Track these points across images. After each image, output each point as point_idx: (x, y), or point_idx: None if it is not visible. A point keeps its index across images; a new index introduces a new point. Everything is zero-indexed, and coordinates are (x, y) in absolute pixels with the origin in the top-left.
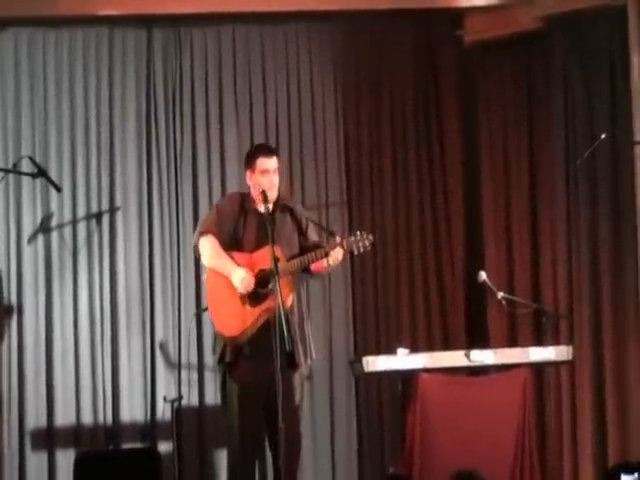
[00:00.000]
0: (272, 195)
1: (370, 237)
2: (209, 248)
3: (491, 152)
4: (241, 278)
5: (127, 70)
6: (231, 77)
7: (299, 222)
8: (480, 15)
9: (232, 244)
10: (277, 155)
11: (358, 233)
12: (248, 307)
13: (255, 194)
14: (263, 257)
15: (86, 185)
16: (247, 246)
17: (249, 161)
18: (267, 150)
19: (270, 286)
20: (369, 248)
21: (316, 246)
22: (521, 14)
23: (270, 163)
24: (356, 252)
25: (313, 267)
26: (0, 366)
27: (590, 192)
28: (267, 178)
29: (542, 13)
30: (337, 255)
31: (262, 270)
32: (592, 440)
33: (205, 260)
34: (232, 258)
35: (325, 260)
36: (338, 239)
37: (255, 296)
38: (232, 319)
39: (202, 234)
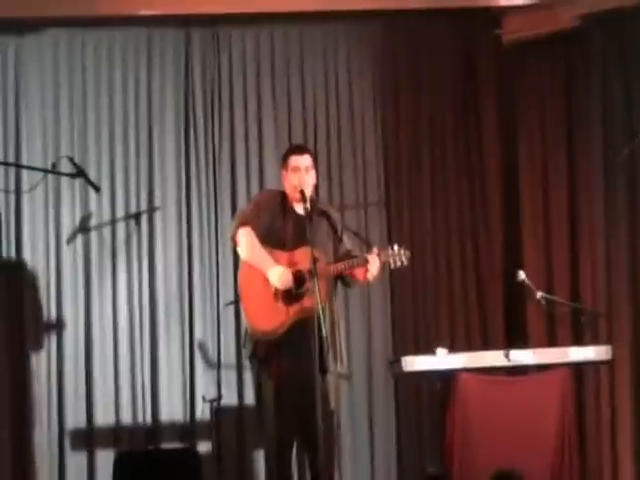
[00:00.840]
0: (303, 187)
1: (407, 253)
2: (247, 241)
3: (530, 151)
4: (279, 274)
5: (165, 70)
6: (269, 77)
7: (334, 228)
8: (519, 14)
9: (268, 239)
10: (310, 154)
11: (396, 247)
12: (281, 305)
13: (291, 193)
14: (301, 257)
15: (125, 185)
16: (283, 244)
17: (283, 160)
18: (298, 148)
19: (306, 287)
20: (406, 264)
21: (349, 255)
22: (560, 13)
23: (301, 161)
24: (392, 266)
25: (349, 277)
26: (40, 366)
27: (629, 191)
28: (298, 175)
29: (581, 11)
30: (375, 266)
31: (299, 270)
32: (632, 440)
33: (242, 252)
34: (269, 254)
35: (366, 271)
36: (376, 250)
37: (289, 295)
38: (264, 314)
39: (240, 225)
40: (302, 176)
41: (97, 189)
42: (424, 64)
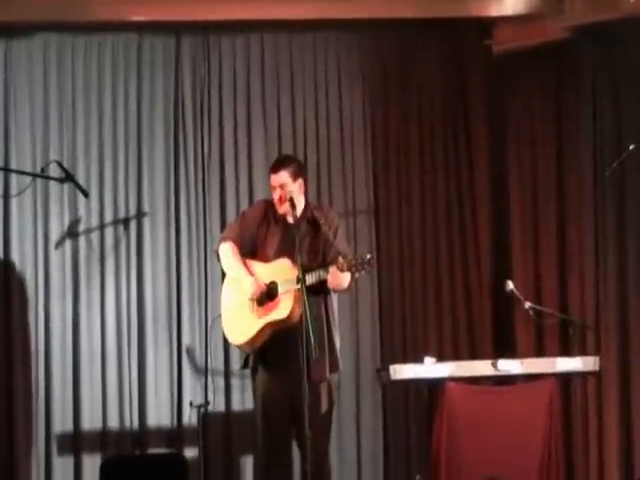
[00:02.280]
0: (281, 210)
1: (367, 256)
2: (226, 254)
3: (519, 162)
4: (250, 285)
5: (155, 76)
6: (259, 85)
7: (323, 238)
8: (509, 25)
9: (255, 251)
10: (287, 169)
11: (360, 256)
12: (255, 317)
13: (276, 206)
14: (278, 268)
15: (114, 190)
16: (269, 255)
17: None
18: (274, 166)
19: (276, 299)
20: (370, 268)
21: (331, 263)
22: (550, 24)
23: (274, 179)
24: (357, 275)
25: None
26: (28, 370)
27: (618, 203)
28: (275, 192)
29: (571, 23)
30: (336, 277)
31: (272, 282)
32: (618, 451)
33: (223, 266)
34: (247, 266)
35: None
36: (340, 260)
37: (262, 307)
38: (238, 327)
39: (222, 240)
40: (278, 193)
41: (86, 194)
42: (414, 73)
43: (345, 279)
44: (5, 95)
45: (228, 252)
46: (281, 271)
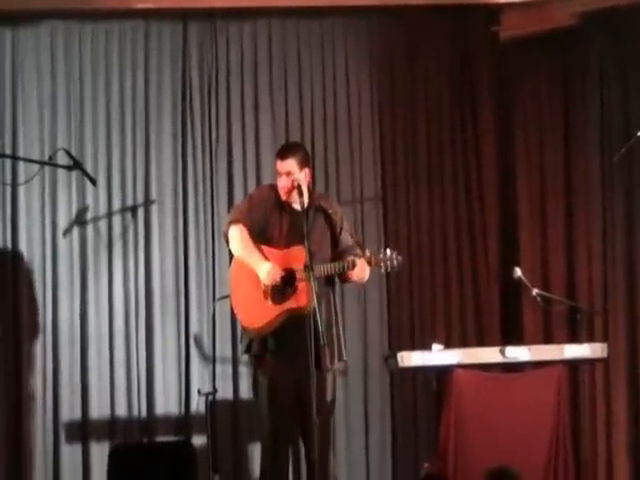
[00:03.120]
0: (285, 197)
1: (399, 258)
2: (238, 237)
3: (527, 148)
4: (268, 270)
5: (163, 63)
6: (267, 71)
7: (333, 225)
8: (517, 11)
9: (261, 236)
10: (295, 157)
11: (388, 252)
12: (269, 303)
13: (280, 193)
14: (296, 254)
15: (121, 178)
16: (276, 241)
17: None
18: (282, 152)
19: (295, 285)
20: (397, 269)
21: (349, 251)
22: (558, 10)
23: (281, 166)
24: (383, 270)
25: (344, 276)
26: (35, 359)
27: (626, 189)
28: (280, 179)
29: (579, 9)
30: (364, 270)
31: (290, 268)
32: (626, 437)
33: (233, 249)
34: (262, 251)
35: (352, 274)
36: (368, 254)
37: (278, 294)
38: (253, 312)
39: (232, 222)
40: (284, 180)
41: (94, 182)
42: (421, 59)
43: (367, 273)
44: (13, 83)
45: (240, 235)
46: (298, 258)
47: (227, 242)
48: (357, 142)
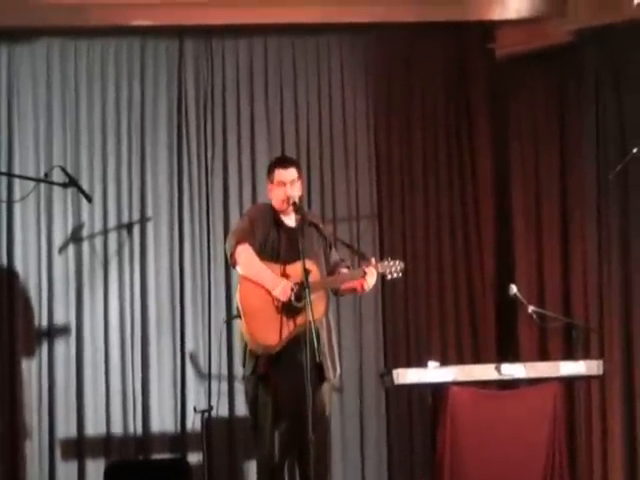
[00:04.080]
0: (283, 208)
1: (402, 264)
2: (246, 257)
3: (522, 164)
4: (282, 287)
5: (159, 81)
6: (262, 88)
7: (325, 238)
8: (512, 28)
9: (262, 253)
10: (295, 166)
11: (391, 260)
12: (284, 318)
13: (276, 206)
14: (294, 271)
15: (117, 195)
16: (276, 257)
17: (268, 173)
18: (283, 161)
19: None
20: (401, 275)
21: (341, 264)
22: (553, 27)
23: (285, 175)
24: (389, 277)
25: (343, 288)
26: (31, 376)
27: (621, 206)
28: (283, 189)
29: (574, 27)
30: (373, 278)
31: (298, 284)
32: (622, 454)
33: (243, 269)
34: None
35: (363, 282)
36: (373, 262)
37: (290, 309)
38: (269, 329)
39: (238, 243)
40: (288, 189)
41: (89, 199)
42: (417, 77)
43: (375, 280)
44: (9, 100)
45: (249, 256)
46: (299, 273)
47: (233, 264)
48: (353, 160)
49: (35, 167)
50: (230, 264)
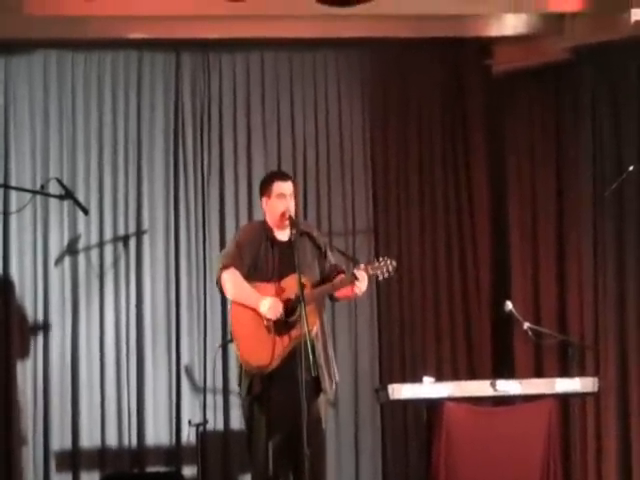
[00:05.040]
0: (282, 222)
1: (393, 263)
2: (232, 281)
3: (518, 181)
4: (269, 306)
5: (155, 93)
6: (259, 102)
7: (319, 247)
8: (509, 45)
9: (254, 273)
10: (292, 180)
11: (381, 259)
12: (275, 336)
13: (272, 221)
14: (289, 285)
15: (113, 208)
16: (269, 275)
17: (264, 187)
18: (282, 175)
19: (297, 314)
20: (393, 274)
21: (335, 269)
22: (550, 45)
23: (285, 187)
24: (380, 277)
25: (338, 293)
26: (26, 388)
27: (617, 223)
28: (283, 202)
29: (571, 44)
30: (364, 282)
31: (289, 299)
32: (617, 472)
33: (229, 294)
34: (256, 289)
35: (354, 287)
36: (362, 266)
37: (282, 325)
38: (260, 349)
39: (223, 268)
40: (288, 202)
41: (85, 211)
42: (413, 93)
43: (366, 283)
44: (5, 111)
45: (233, 279)
46: (292, 288)
47: (220, 290)
48: (349, 174)
49: (31, 178)
50: (218, 290)
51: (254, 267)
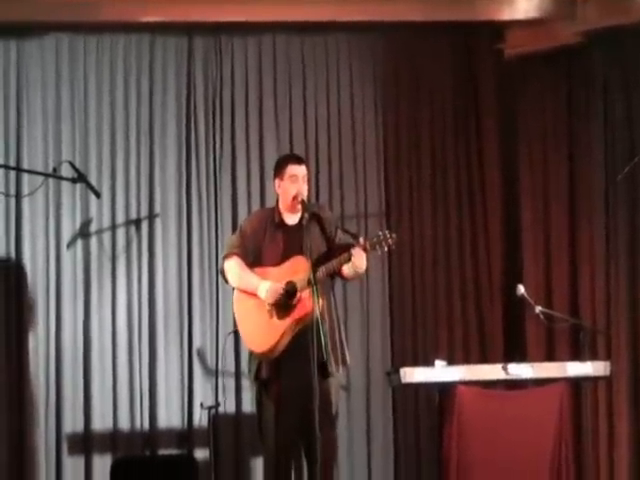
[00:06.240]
0: (294, 206)
1: (393, 235)
2: (233, 269)
3: (530, 166)
4: (267, 289)
5: (167, 77)
6: (271, 85)
7: (325, 228)
8: (521, 29)
9: (257, 260)
10: (306, 166)
11: (380, 233)
12: (276, 320)
13: (284, 204)
14: (290, 268)
15: (125, 191)
16: (274, 260)
17: (278, 169)
18: (295, 157)
19: (298, 296)
20: (393, 247)
21: (340, 248)
22: (562, 29)
23: (299, 170)
24: (379, 252)
25: (345, 273)
26: (38, 371)
27: (629, 207)
28: (296, 185)
29: (583, 28)
30: (360, 258)
31: (290, 281)
32: (628, 455)
33: (231, 281)
34: (257, 273)
35: (349, 266)
36: (361, 240)
37: (283, 308)
38: (261, 335)
39: (226, 257)
40: (301, 186)
41: (98, 194)
42: (425, 76)
43: (365, 260)
44: (17, 95)
45: (234, 266)
46: (296, 269)
47: (225, 279)
48: (361, 158)
49: (44, 162)
50: (223, 280)
51: (259, 254)
